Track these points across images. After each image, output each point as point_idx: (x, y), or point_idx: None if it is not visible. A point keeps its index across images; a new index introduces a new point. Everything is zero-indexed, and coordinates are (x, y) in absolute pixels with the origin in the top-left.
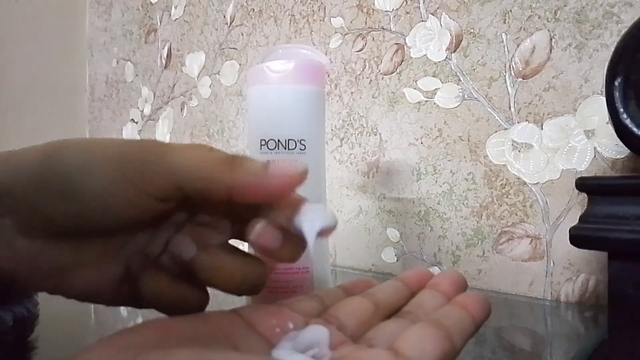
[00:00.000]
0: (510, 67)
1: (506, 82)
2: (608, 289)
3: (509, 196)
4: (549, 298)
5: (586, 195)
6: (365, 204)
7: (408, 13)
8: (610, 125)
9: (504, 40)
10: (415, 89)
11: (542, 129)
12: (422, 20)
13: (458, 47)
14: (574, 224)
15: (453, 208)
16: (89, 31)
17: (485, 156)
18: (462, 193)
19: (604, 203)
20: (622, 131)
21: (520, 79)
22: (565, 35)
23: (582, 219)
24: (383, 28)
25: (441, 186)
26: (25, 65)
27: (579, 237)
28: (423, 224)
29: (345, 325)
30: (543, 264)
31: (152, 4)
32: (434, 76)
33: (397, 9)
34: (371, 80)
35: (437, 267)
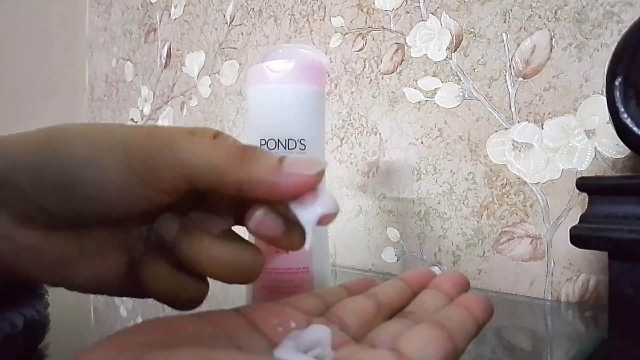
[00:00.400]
0: (510, 66)
1: (506, 81)
2: (608, 289)
3: (510, 196)
4: (549, 298)
5: (587, 195)
6: (365, 203)
7: (408, 12)
8: (611, 125)
9: (504, 39)
10: (415, 88)
11: (543, 128)
12: (422, 20)
13: (458, 47)
14: (574, 224)
15: (453, 208)
16: (88, 31)
17: (485, 156)
18: (463, 193)
19: (605, 203)
20: (622, 131)
21: (521, 78)
22: (566, 35)
23: (583, 218)
24: (383, 27)
25: (441, 186)
26: (25, 65)
27: (579, 237)
28: (423, 223)
29: (348, 325)
30: (543, 263)
31: (151, 3)
32: (434, 76)
33: (397, 8)
34: (371, 79)
35: (437, 267)
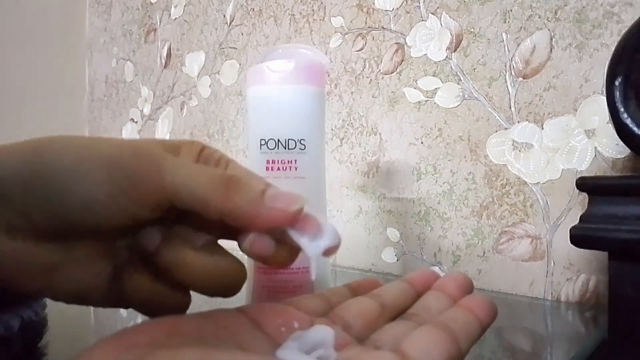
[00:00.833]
0: (510, 66)
1: (506, 81)
2: (608, 289)
3: (509, 196)
4: (549, 298)
5: (587, 195)
6: (365, 204)
7: (408, 12)
8: (611, 125)
9: (504, 39)
10: (415, 88)
11: (543, 128)
12: (422, 20)
13: (458, 47)
14: (574, 224)
15: (453, 208)
16: (88, 31)
17: (485, 156)
18: (462, 193)
19: (604, 203)
20: (622, 131)
21: (521, 78)
22: (566, 35)
23: (583, 218)
24: (383, 27)
25: (441, 186)
26: (25, 65)
27: (579, 237)
28: (423, 224)
29: (351, 325)
30: (543, 264)
31: (151, 3)
32: (434, 76)
33: (397, 8)
34: (371, 80)
35: (437, 267)
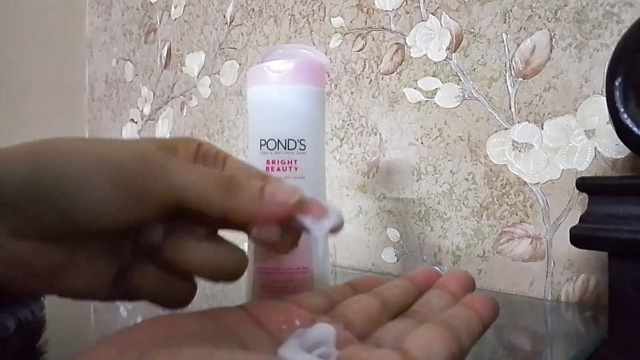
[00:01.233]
0: (510, 66)
1: (506, 81)
2: (608, 289)
3: (509, 196)
4: (550, 298)
5: (586, 195)
6: (365, 204)
7: (408, 13)
8: (611, 125)
9: (504, 40)
10: (415, 88)
11: (543, 128)
12: (422, 20)
13: (458, 47)
14: (574, 224)
15: (453, 208)
16: (88, 31)
17: (485, 156)
18: (462, 193)
19: (604, 203)
20: (622, 131)
21: (521, 78)
22: (566, 35)
23: (583, 219)
24: (383, 28)
25: (441, 186)
26: (25, 65)
27: (579, 237)
28: (423, 224)
29: (353, 323)
30: (543, 264)
31: (151, 3)
32: (434, 76)
33: (397, 8)
34: (371, 80)
35: (437, 267)
